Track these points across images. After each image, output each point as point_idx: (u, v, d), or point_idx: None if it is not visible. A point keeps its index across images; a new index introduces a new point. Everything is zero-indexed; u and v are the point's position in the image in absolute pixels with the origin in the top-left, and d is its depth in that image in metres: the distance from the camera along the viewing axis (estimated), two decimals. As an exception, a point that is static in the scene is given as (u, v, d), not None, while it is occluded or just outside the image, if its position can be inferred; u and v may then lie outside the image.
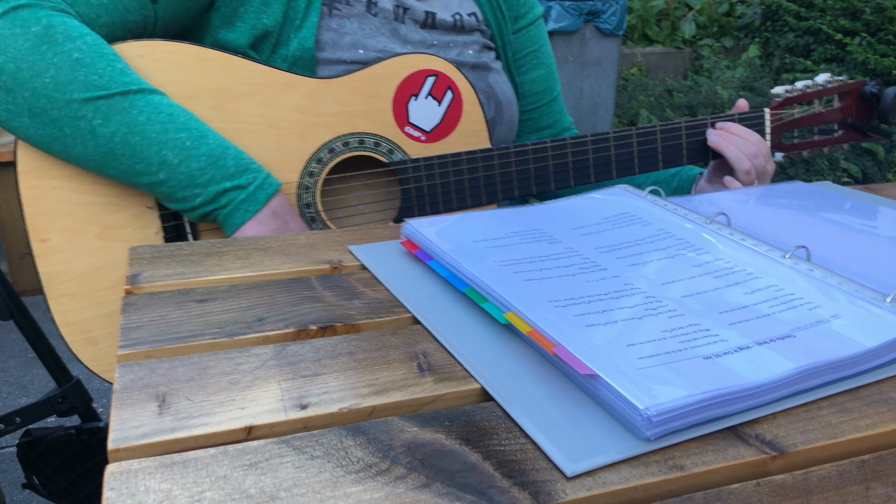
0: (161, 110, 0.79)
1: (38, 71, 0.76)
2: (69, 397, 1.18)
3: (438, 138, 0.95)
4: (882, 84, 1.03)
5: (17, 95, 0.76)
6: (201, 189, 0.81)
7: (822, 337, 0.49)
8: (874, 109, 1.04)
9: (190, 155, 0.79)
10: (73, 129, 0.77)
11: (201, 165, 0.80)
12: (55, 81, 0.76)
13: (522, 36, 1.10)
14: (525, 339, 0.52)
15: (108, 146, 0.78)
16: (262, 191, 0.83)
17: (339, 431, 0.43)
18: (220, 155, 0.81)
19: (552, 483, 0.39)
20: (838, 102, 1.05)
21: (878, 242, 0.70)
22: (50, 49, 0.76)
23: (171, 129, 0.79)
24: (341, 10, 0.94)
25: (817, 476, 0.40)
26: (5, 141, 2.57)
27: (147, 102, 0.79)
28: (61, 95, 0.76)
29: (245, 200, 0.82)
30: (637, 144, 0.97)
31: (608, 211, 0.72)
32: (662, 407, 0.41)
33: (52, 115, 0.77)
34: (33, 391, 2.11)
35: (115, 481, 0.38)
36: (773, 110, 1.02)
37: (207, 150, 0.80)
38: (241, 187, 0.82)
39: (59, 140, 0.78)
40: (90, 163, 0.80)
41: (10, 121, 0.78)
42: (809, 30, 4.34)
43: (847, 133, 1.05)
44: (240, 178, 0.82)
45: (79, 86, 0.76)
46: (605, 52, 4.03)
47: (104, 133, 0.78)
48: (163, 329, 0.54)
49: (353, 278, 0.64)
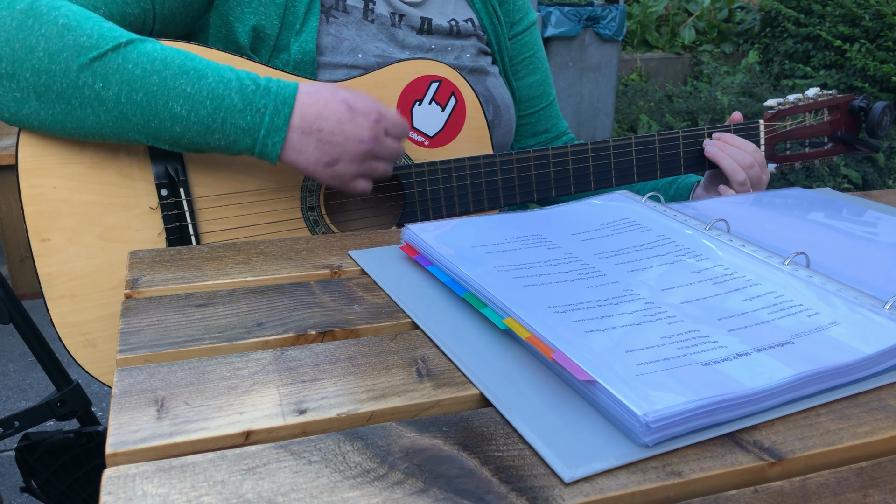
0: (154, 57, 0.77)
1: (30, 46, 0.75)
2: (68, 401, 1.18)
3: (441, 144, 0.95)
4: (870, 99, 1.06)
5: (19, 79, 0.76)
6: (220, 133, 0.78)
7: (821, 344, 0.49)
8: (862, 123, 1.07)
9: (195, 102, 0.77)
10: (79, 99, 0.76)
11: (209, 111, 0.78)
12: (48, 52, 0.75)
13: (518, 41, 1.11)
14: (524, 345, 0.52)
15: (117, 109, 0.77)
16: (278, 115, 0.79)
17: (337, 436, 0.43)
18: (223, 93, 0.78)
19: (550, 489, 0.39)
20: (828, 116, 1.08)
21: (877, 249, 0.70)
22: (36, 21, 0.75)
23: (170, 77, 0.77)
24: (338, 18, 0.94)
25: (815, 483, 0.40)
26: (5, 144, 2.58)
27: (139, 53, 0.77)
28: (57, 66, 0.75)
29: (268, 134, 0.79)
30: (636, 153, 0.98)
31: (608, 217, 0.73)
32: (661, 413, 0.41)
33: (56, 90, 0.76)
34: (32, 395, 2.11)
35: (112, 485, 0.38)
36: (767, 122, 1.04)
37: (209, 91, 0.78)
38: (256, 125, 0.78)
39: (70, 115, 0.77)
40: (108, 131, 0.79)
41: (21, 109, 0.78)
42: (808, 36, 4.35)
43: (836, 146, 1.08)
44: (251, 112, 0.78)
45: (70, 51, 0.75)
46: (605, 57, 4.04)
47: (109, 96, 0.76)
48: (162, 334, 0.54)
49: (352, 283, 0.64)
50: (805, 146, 1.09)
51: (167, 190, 0.84)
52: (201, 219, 0.87)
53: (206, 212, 0.87)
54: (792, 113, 1.06)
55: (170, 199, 0.84)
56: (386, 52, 0.95)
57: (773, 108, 1.05)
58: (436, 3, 1.03)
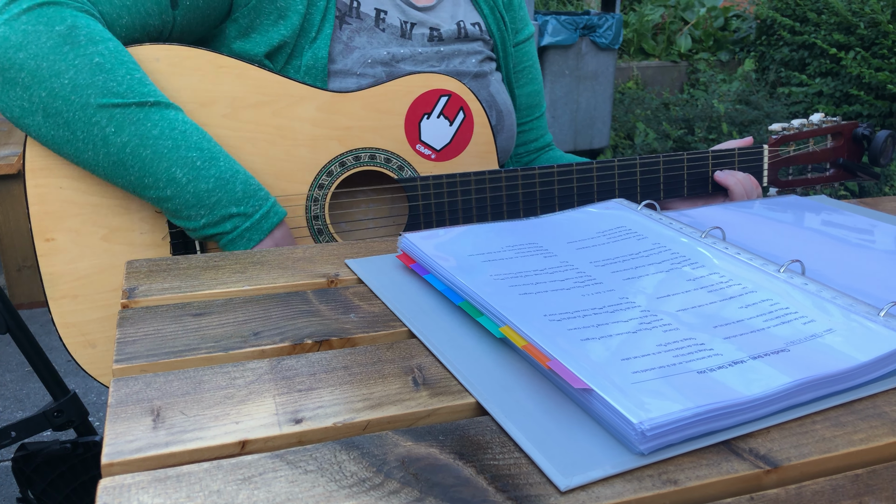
0: (175, 126, 0.79)
1: (57, 71, 0.76)
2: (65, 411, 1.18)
3: (448, 157, 0.96)
4: (873, 127, 1.08)
5: (33, 93, 0.77)
6: (207, 211, 0.81)
7: (817, 351, 0.50)
8: (865, 150, 1.08)
9: (199, 175, 0.79)
10: (85, 133, 0.77)
11: (209, 187, 0.80)
12: (73, 83, 0.76)
13: (520, 50, 1.13)
14: (520, 354, 0.52)
15: (118, 156, 0.78)
16: (266, 220, 0.83)
17: (333, 446, 0.43)
18: (230, 178, 0.81)
19: (546, 497, 0.39)
20: (831, 142, 1.08)
21: (873, 256, 0.70)
22: (72, 50, 0.76)
23: (184, 147, 0.79)
24: (351, 24, 0.95)
25: (811, 490, 0.41)
26: (3, 154, 2.58)
27: (162, 116, 0.79)
28: (78, 98, 0.76)
29: (249, 229, 0.82)
30: (640, 174, 0.99)
31: (604, 225, 0.73)
32: (656, 421, 0.42)
33: (66, 117, 0.77)
34: (29, 405, 2.10)
35: (108, 496, 0.38)
36: (771, 147, 1.05)
37: (217, 172, 0.80)
38: (246, 215, 0.82)
39: (70, 143, 0.78)
40: (99, 170, 0.80)
41: (23, 118, 0.78)
42: (804, 44, 4.37)
43: (838, 172, 1.10)
44: (246, 205, 0.82)
45: (96, 91, 0.76)
46: (602, 65, 4.05)
47: (116, 142, 0.78)
48: (158, 343, 0.54)
49: (349, 292, 0.64)
50: (807, 171, 1.10)
51: None
52: None
53: None
54: (796, 139, 1.07)
55: None
56: (395, 59, 0.96)
57: (777, 132, 1.06)
58: (446, 6, 1.04)
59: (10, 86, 0.77)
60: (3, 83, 0.77)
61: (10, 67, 0.76)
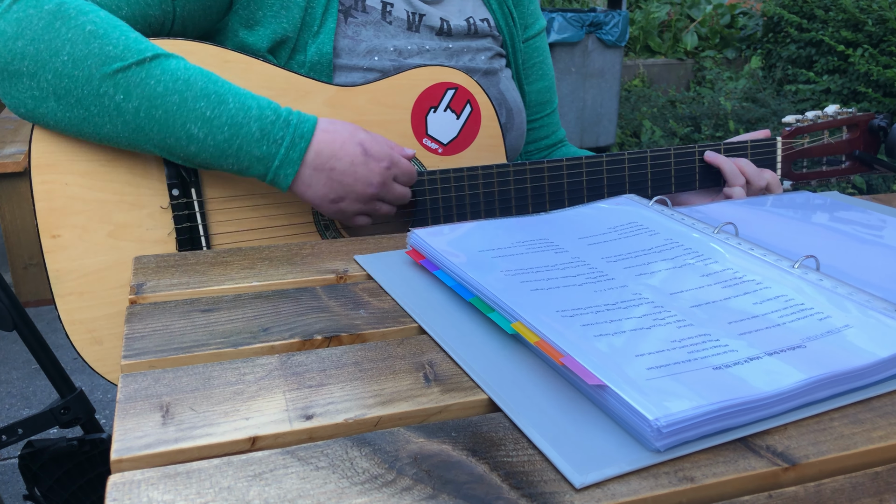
0: (178, 76, 0.78)
1: (55, 49, 0.75)
2: (72, 408, 1.18)
3: (455, 151, 0.95)
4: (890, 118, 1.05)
5: (40, 79, 0.76)
6: (234, 160, 0.79)
7: (834, 347, 0.49)
8: (881, 142, 1.06)
9: (213, 126, 0.78)
10: (98, 107, 0.77)
11: (226, 136, 0.78)
12: (72, 57, 0.75)
13: (530, 46, 1.12)
14: (532, 350, 0.52)
15: (134, 122, 0.77)
16: (294, 149, 0.80)
17: (344, 442, 0.42)
18: (242, 121, 0.78)
19: (560, 495, 0.38)
20: (846, 134, 1.07)
21: (887, 252, 0.69)
22: (63, 24, 0.76)
23: (190, 99, 0.77)
24: (357, 18, 0.94)
25: (830, 488, 0.40)
26: (9, 152, 2.58)
27: (163, 70, 0.77)
28: (80, 73, 0.76)
29: (281, 165, 0.80)
30: (651, 166, 0.98)
31: (615, 220, 0.72)
32: (672, 418, 0.41)
33: (76, 95, 0.76)
34: (36, 402, 2.10)
35: (117, 492, 0.38)
36: (785, 139, 1.03)
37: (228, 117, 0.78)
38: (270, 155, 0.79)
39: (87, 121, 0.78)
40: (123, 140, 0.79)
41: (38, 108, 0.78)
42: (811, 41, 4.34)
43: (854, 164, 1.08)
44: (268, 143, 0.79)
45: (95, 60, 0.76)
46: (608, 63, 4.04)
47: (128, 108, 0.77)
48: (167, 339, 0.54)
49: (358, 288, 0.64)
50: (822, 164, 1.08)
51: (178, 190, 0.84)
52: (212, 220, 0.86)
53: (217, 213, 0.86)
54: (810, 131, 1.05)
55: (181, 199, 0.84)
56: (403, 55, 0.95)
57: (791, 125, 1.04)
58: (454, 1, 1.03)
59: (16, 78, 0.76)
60: (10, 77, 0.77)
61: (13, 59, 0.76)
